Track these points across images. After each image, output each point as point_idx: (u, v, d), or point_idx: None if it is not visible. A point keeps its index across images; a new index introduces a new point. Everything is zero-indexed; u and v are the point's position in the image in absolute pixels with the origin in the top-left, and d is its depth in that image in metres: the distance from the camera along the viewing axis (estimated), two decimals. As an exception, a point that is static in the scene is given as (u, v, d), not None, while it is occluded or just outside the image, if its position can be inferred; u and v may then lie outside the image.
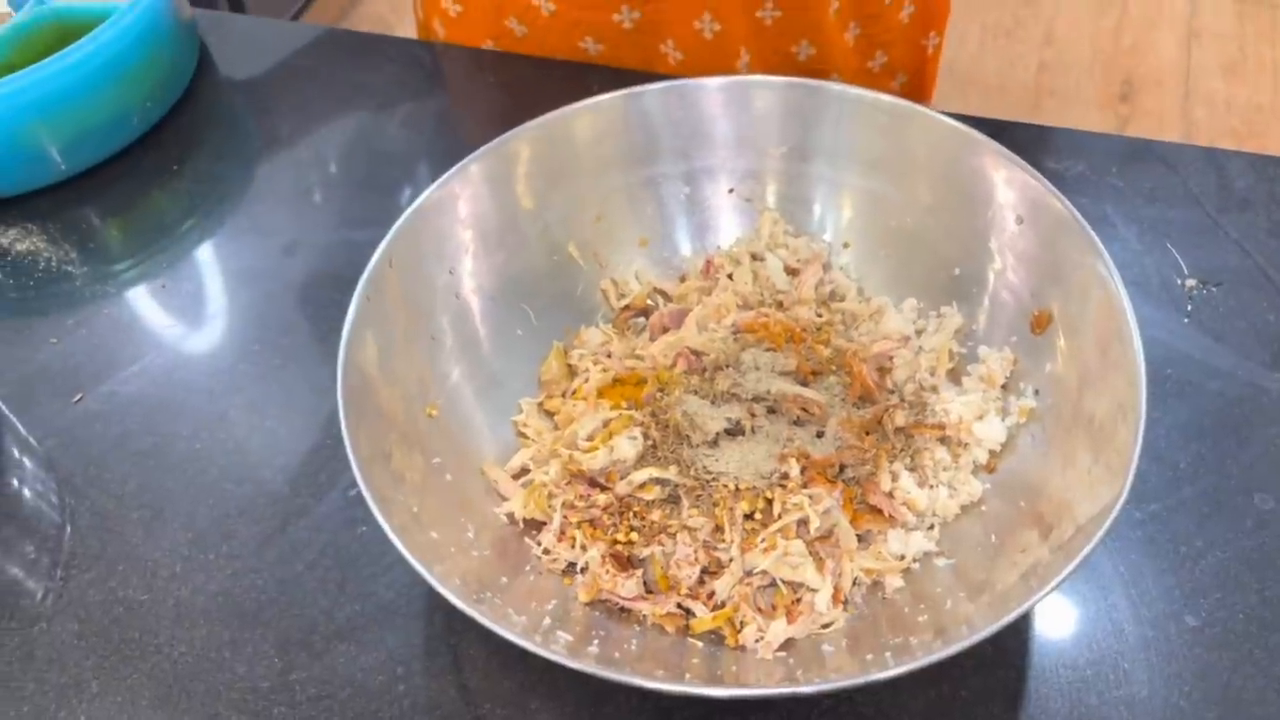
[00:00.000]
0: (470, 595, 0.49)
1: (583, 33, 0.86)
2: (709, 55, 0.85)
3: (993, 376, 0.60)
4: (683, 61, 0.86)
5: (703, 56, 0.85)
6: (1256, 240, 0.70)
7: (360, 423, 0.52)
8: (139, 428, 0.67)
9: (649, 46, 0.85)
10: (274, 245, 0.76)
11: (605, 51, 0.86)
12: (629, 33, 0.84)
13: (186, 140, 0.84)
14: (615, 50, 0.86)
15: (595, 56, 0.87)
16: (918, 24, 0.89)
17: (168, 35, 0.83)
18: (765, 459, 0.56)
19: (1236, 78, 2.16)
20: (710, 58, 0.85)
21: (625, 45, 0.86)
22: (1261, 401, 0.63)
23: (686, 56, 0.85)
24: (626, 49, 0.86)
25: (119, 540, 0.62)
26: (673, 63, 0.86)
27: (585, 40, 0.86)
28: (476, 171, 0.61)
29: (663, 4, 0.83)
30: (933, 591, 0.54)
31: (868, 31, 0.87)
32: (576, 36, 0.86)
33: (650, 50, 0.86)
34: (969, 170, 0.61)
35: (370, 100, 0.86)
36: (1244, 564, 0.57)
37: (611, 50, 0.86)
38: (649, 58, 0.86)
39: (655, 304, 0.67)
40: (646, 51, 0.86)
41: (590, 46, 0.86)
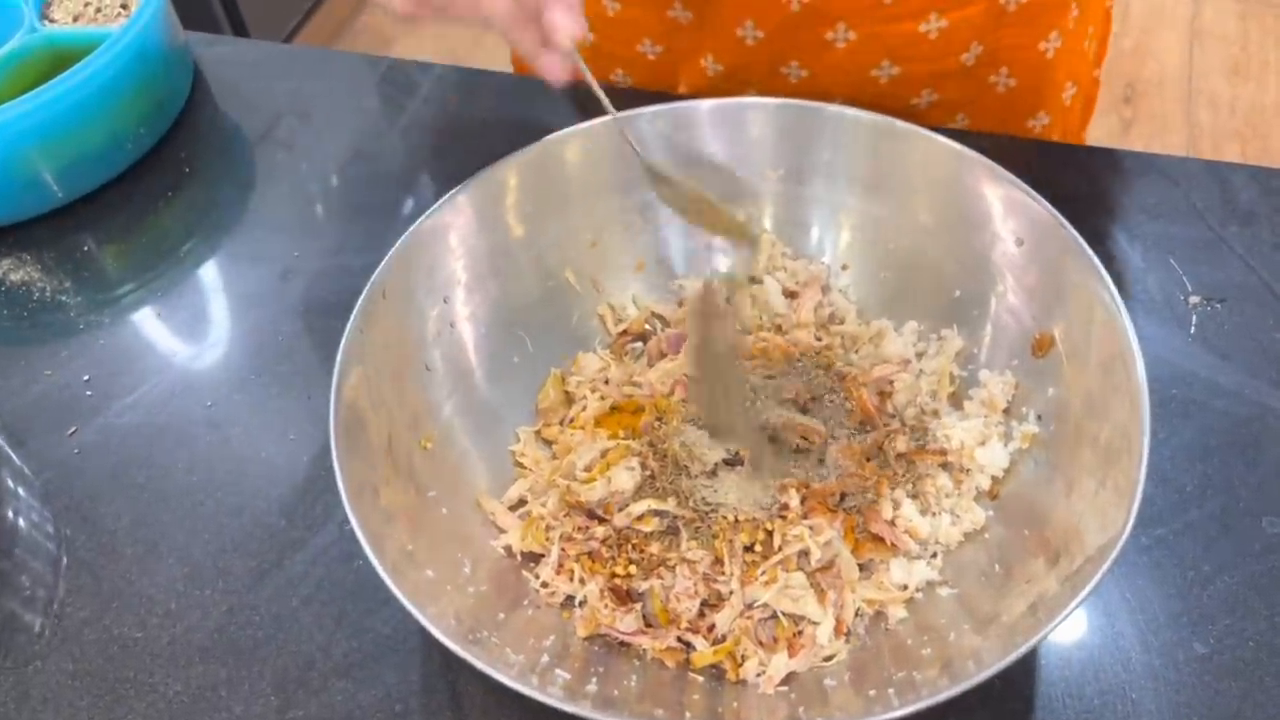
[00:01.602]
0: (465, 635, 0.48)
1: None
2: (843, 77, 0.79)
3: (994, 401, 0.59)
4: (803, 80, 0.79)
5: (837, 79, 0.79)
6: (1261, 255, 0.69)
7: (352, 458, 0.52)
8: (134, 460, 0.66)
9: (772, 66, 0.79)
10: (270, 272, 0.76)
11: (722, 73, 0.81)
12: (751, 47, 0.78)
13: (181, 166, 0.83)
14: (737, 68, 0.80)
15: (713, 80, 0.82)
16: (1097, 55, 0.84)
17: (161, 60, 0.82)
18: (765, 490, 0.55)
19: (1240, 79, 2.15)
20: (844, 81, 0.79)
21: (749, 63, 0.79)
22: (1269, 421, 0.62)
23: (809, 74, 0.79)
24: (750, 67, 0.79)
25: (114, 576, 0.61)
26: (795, 81, 0.80)
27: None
28: (465, 201, 0.61)
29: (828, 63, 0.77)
30: (937, 622, 0.53)
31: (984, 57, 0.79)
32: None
33: (774, 70, 0.80)
34: (968, 191, 0.60)
35: (367, 123, 0.85)
36: (1253, 589, 0.56)
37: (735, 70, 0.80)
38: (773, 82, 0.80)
39: (653, 329, 0.67)
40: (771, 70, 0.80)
41: (710, 66, 0.81)
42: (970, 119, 0.81)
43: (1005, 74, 0.78)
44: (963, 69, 0.77)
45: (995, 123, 0.81)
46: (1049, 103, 0.82)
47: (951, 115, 0.81)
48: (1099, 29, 0.85)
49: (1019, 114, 0.82)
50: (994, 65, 0.78)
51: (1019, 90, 0.79)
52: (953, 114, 0.81)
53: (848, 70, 0.77)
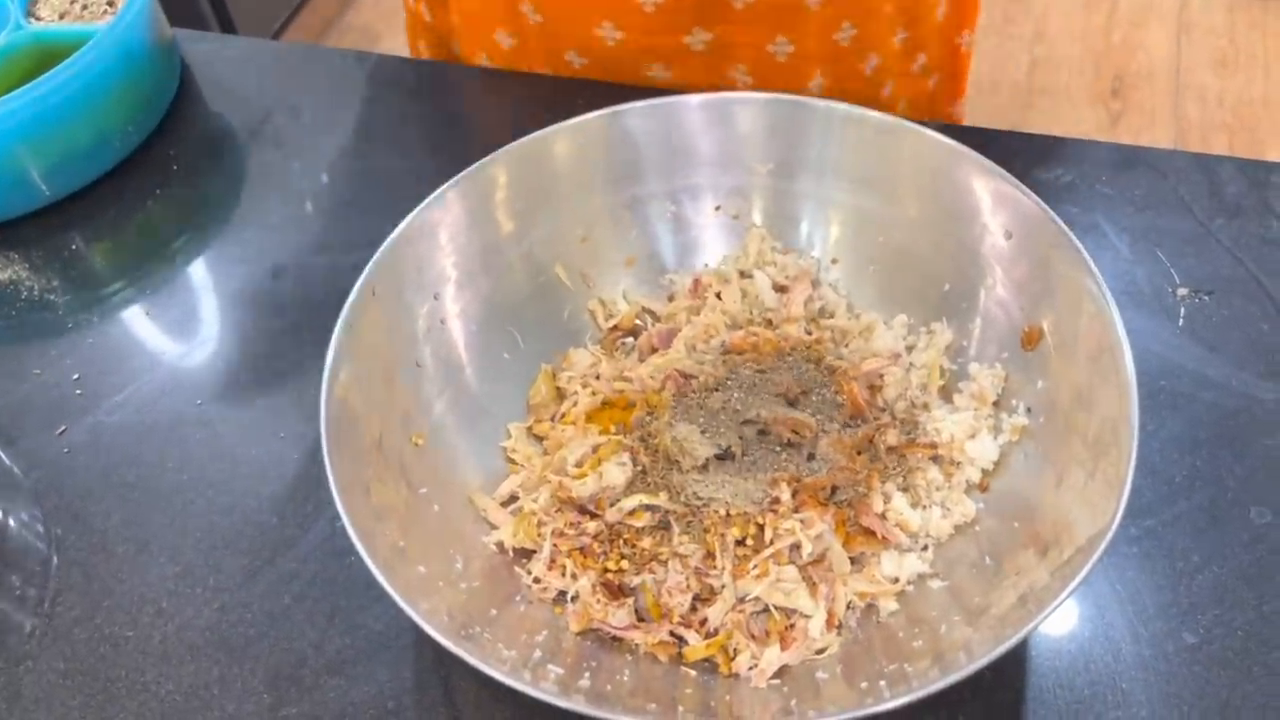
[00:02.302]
0: (458, 631, 0.48)
1: (652, 59, 0.83)
2: (782, 78, 0.83)
3: (984, 394, 0.59)
4: (751, 85, 0.84)
5: (776, 79, 0.83)
6: (1248, 247, 0.69)
7: (343, 456, 0.52)
8: (124, 459, 0.66)
9: (718, 70, 0.83)
10: (260, 270, 0.76)
11: (673, 79, 0.84)
12: (699, 55, 0.82)
13: (169, 163, 0.83)
14: (685, 76, 0.83)
15: (664, 84, 0.84)
16: (951, 23, 0.88)
17: (148, 57, 0.82)
18: (756, 484, 0.55)
19: (1227, 71, 2.16)
20: (783, 80, 0.83)
21: (695, 70, 0.83)
22: (1256, 413, 0.62)
23: (756, 80, 0.83)
24: (696, 74, 0.83)
25: (105, 575, 0.61)
26: (742, 86, 0.84)
27: (654, 68, 0.83)
28: (454, 198, 0.60)
29: (732, 27, 0.80)
30: (928, 614, 0.53)
31: (913, 35, 0.86)
32: (644, 65, 0.84)
33: (719, 74, 0.83)
34: (956, 185, 0.60)
35: (356, 120, 0.85)
36: (1241, 579, 0.56)
37: (681, 76, 0.84)
38: (718, 82, 0.83)
39: (644, 324, 0.67)
40: (716, 75, 0.83)
41: (660, 74, 0.84)
42: (825, 77, 0.84)
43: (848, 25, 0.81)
44: (808, 11, 0.80)
45: (840, 70, 0.84)
46: (880, 46, 0.85)
47: (810, 70, 0.84)
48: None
49: (854, 57, 0.84)
50: (839, 19, 0.81)
51: (860, 37, 0.82)
52: (811, 70, 0.84)
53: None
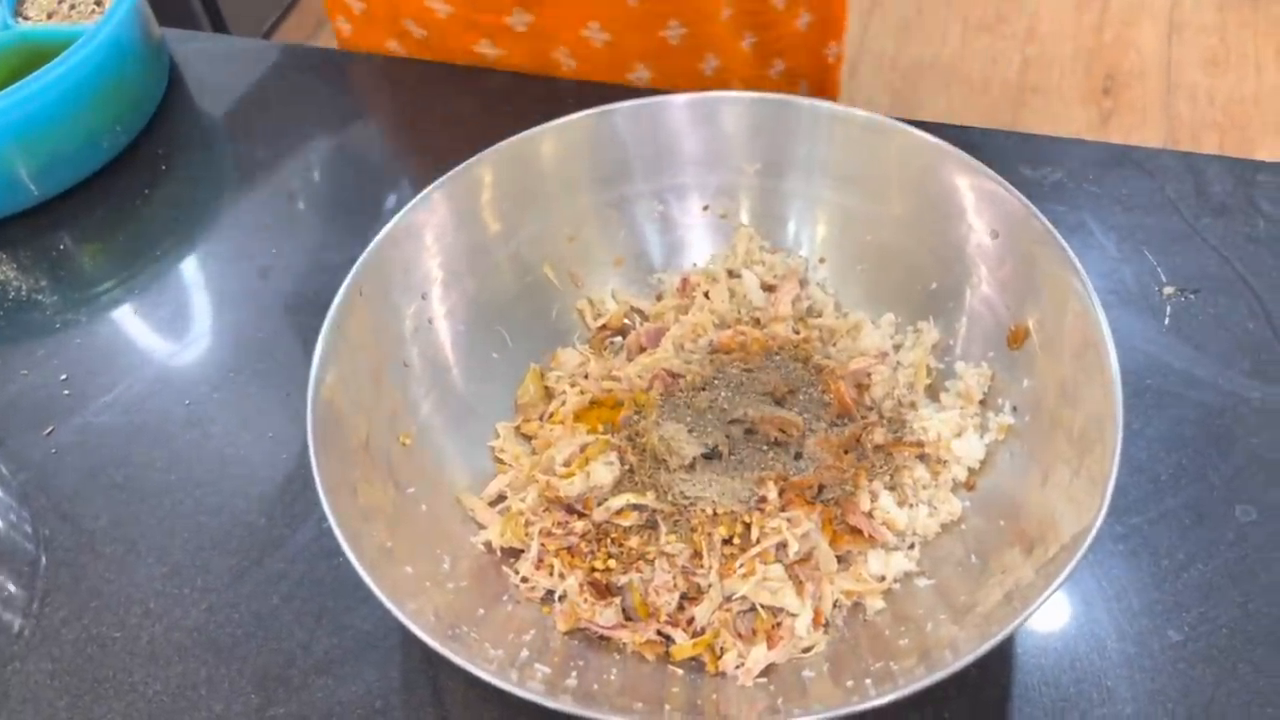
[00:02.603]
0: (445, 631, 0.48)
1: (477, 35, 0.86)
2: (603, 65, 0.86)
3: (970, 393, 0.59)
4: (576, 69, 0.86)
5: (597, 65, 0.86)
6: (1234, 246, 0.70)
7: (330, 457, 0.52)
8: (112, 460, 0.66)
9: (542, 52, 0.86)
10: (248, 269, 0.76)
11: (501, 57, 0.87)
12: (523, 36, 0.85)
13: (158, 163, 0.83)
14: (511, 55, 0.87)
15: (493, 61, 0.87)
16: (816, 33, 0.90)
17: (136, 56, 0.82)
18: (743, 483, 0.55)
19: (1218, 70, 2.16)
20: (604, 67, 0.86)
21: (520, 50, 0.86)
22: (1241, 411, 0.62)
23: (579, 64, 0.86)
24: (521, 54, 0.86)
25: (93, 576, 0.61)
26: (566, 70, 0.87)
27: (481, 44, 0.86)
28: (440, 199, 0.60)
29: (549, 9, 0.83)
30: (914, 613, 0.53)
31: (763, 39, 0.87)
32: (471, 40, 0.86)
33: (544, 56, 0.86)
34: (943, 184, 0.60)
35: (345, 119, 0.85)
36: (1226, 576, 0.56)
37: (507, 55, 0.87)
38: (544, 64, 0.87)
39: (632, 323, 0.67)
40: (541, 58, 0.86)
41: (487, 50, 0.86)
42: (650, 70, 0.87)
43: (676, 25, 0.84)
44: (631, 11, 0.82)
45: (670, 66, 0.86)
46: (720, 49, 0.86)
47: (632, 62, 0.86)
48: (818, 6, 0.88)
49: (689, 55, 0.86)
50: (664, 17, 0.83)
51: (691, 36, 0.84)
52: (633, 62, 0.86)
53: None
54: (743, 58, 0.88)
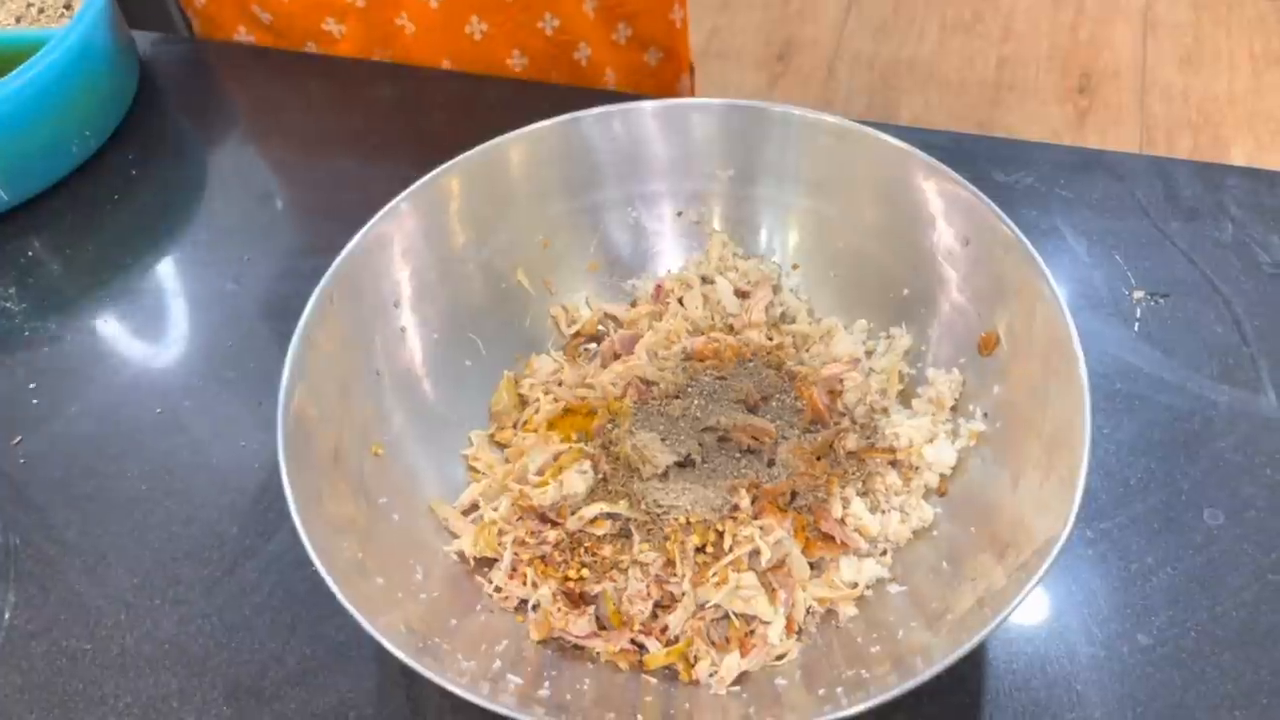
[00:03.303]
0: (417, 644, 0.48)
1: (323, 14, 0.87)
2: (440, 25, 0.87)
3: (942, 399, 0.59)
4: (416, 34, 0.87)
5: (433, 27, 0.87)
6: (1203, 251, 0.70)
7: (301, 468, 0.52)
8: (82, 469, 0.65)
9: (384, 22, 0.87)
10: (219, 276, 0.75)
11: (347, 31, 0.88)
12: (362, 10, 0.86)
13: (129, 168, 0.82)
14: (355, 28, 0.88)
15: (340, 39, 0.89)
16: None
17: (106, 60, 0.81)
18: (716, 491, 0.55)
19: (1192, 68, 2.18)
20: (441, 28, 0.87)
21: (359, 22, 0.87)
22: (1210, 415, 0.63)
23: (418, 29, 0.87)
24: (361, 26, 0.88)
25: (62, 587, 0.61)
26: (408, 35, 0.88)
27: (327, 22, 0.87)
28: (410, 208, 0.60)
29: None
30: (886, 619, 0.53)
31: (605, 4, 0.88)
32: (319, 18, 0.88)
33: (387, 25, 0.87)
34: (914, 191, 0.61)
35: (317, 123, 0.85)
36: (1194, 581, 0.57)
37: (352, 29, 0.88)
38: (386, 35, 0.88)
39: (606, 330, 0.67)
40: (382, 28, 0.87)
41: (333, 29, 0.88)
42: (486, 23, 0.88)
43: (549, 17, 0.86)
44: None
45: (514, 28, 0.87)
46: (558, 8, 0.87)
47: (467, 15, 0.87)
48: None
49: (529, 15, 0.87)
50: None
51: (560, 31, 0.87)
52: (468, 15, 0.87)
53: None
54: (586, 21, 0.88)
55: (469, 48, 0.87)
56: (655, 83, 0.94)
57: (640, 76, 0.93)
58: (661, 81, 0.95)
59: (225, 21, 0.93)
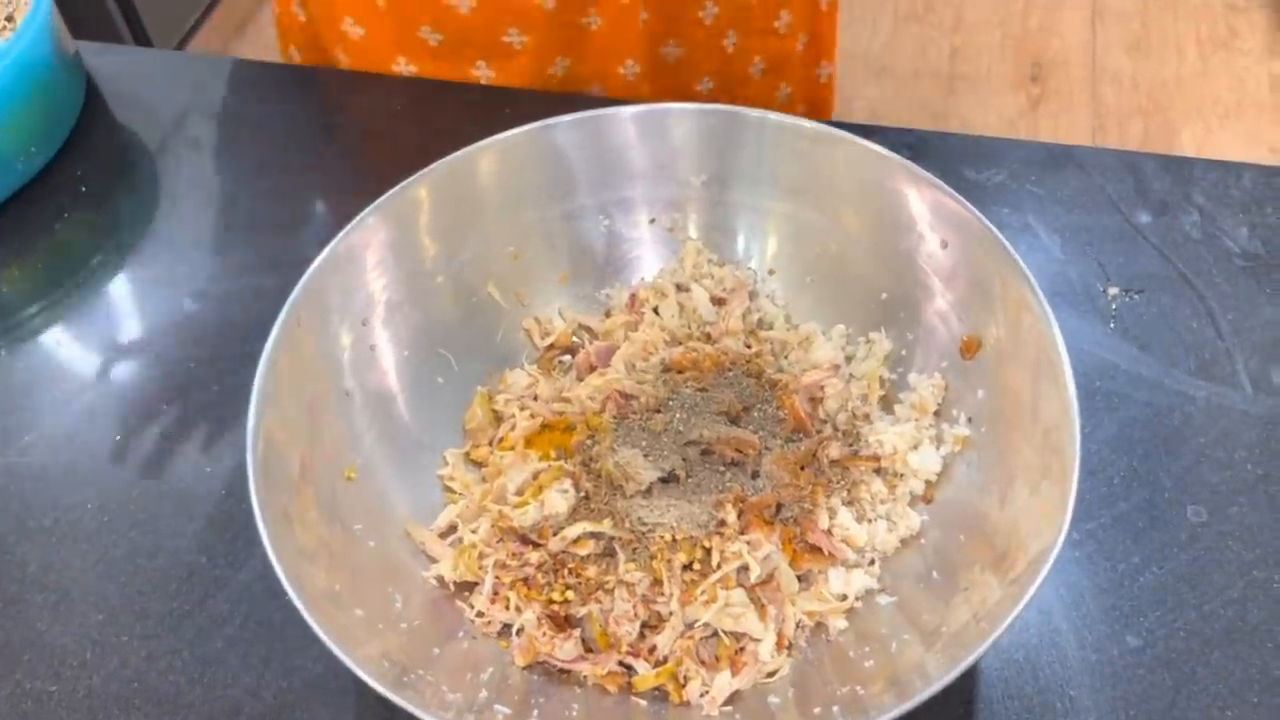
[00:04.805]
0: (398, 677, 0.47)
1: (506, 24, 0.81)
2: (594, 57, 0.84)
3: (924, 404, 0.59)
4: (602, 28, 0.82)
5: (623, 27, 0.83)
6: (1175, 245, 0.70)
7: (271, 494, 0.50)
8: (39, 502, 0.63)
9: (571, 24, 0.82)
10: (177, 295, 0.73)
11: (529, 42, 0.82)
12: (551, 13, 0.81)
13: (77, 184, 0.79)
14: (540, 36, 0.82)
15: (520, 51, 0.83)
16: (810, 53, 0.90)
17: (50, 73, 0.78)
18: (701, 507, 0.54)
19: (1140, 54, 2.20)
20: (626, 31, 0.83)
21: (546, 27, 0.82)
22: (1189, 410, 0.63)
23: (605, 22, 0.82)
24: (547, 31, 0.82)
25: (23, 627, 0.58)
26: (594, 30, 0.82)
27: (509, 33, 0.82)
28: (377, 222, 0.58)
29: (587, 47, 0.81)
30: (877, 631, 0.53)
31: (771, 66, 0.87)
32: (499, 30, 0.82)
33: (573, 28, 0.83)
34: (891, 194, 0.60)
35: (273, 133, 0.82)
36: (1181, 579, 0.57)
37: (537, 38, 0.82)
38: (570, 38, 0.83)
39: (581, 341, 0.65)
40: (569, 31, 0.83)
41: (514, 39, 0.82)
42: (571, 61, 0.84)
43: (594, 14, 0.82)
44: (544, 11, 0.80)
45: (594, 69, 0.84)
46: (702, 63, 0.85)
47: (550, 59, 0.83)
48: (803, 22, 0.87)
49: (612, 59, 0.84)
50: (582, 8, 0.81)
51: (607, 33, 0.82)
52: (551, 58, 0.83)
53: None
54: (751, 83, 0.86)
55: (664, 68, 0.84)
56: None
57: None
58: None
59: (381, 54, 0.85)
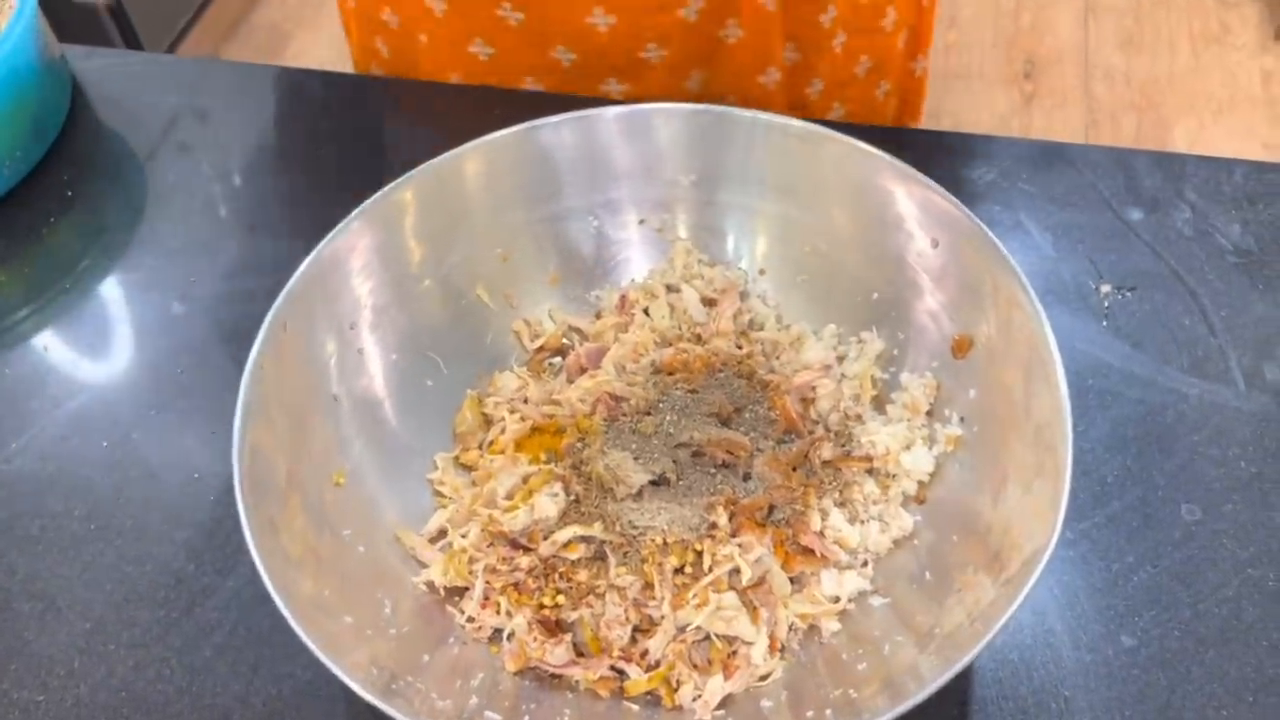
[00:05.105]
0: (387, 684, 0.46)
1: (644, 39, 0.78)
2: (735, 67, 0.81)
3: (916, 404, 0.58)
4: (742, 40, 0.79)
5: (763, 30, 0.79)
6: (1167, 242, 0.70)
7: (258, 501, 0.49)
8: (26, 510, 0.62)
9: (709, 35, 0.79)
10: (165, 300, 0.72)
11: (668, 55, 0.79)
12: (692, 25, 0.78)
13: (63, 189, 0.78)
14: (676, 50, 0.79)
15: (657, 65, 0.79)
16: (909, 48, 0.88)
17: (35, 77, 0.77)
18: (692, 509, 0.54)
19: (1133, 50, 2.20)
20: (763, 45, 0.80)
21: (684, 39, 0.79)
22: (1182, 408, 0.63)
23: (746, 34, 0.79)
24: (685, 44, 0.79)
25: (9, 636, 0.58)
26: (731, 43, 0.79)
27: (648, 48, 0.78)
28: (363, 226, 0.58)
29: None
30: (870, 633, 0.52)
31: (876, 65, 0.85)
32: (639, 44, 0.79)
33: (711, 39, 0.80)
34: (881, 193, 0.59)
35: (260, 136, 0.82)
36: (1175, 578, 0.57)
37: (673, 52, 0.79)
38: (707, 51, 0.80)
39: (571, 343, 0.65)
40: (707, 42, 0.79)
41: (652, 54, 0.79)
42: (707, 74, 0.81)
43: (734, 25, 0.78)
44: (685, 24, 0.77)
45: (731, 80, 0.81)
46: (815, 66, 0.83)
47: (686, 72, 0.81)
48: (908, 16, 0.85)
49: (751, 69, 0.81)
50: (720, 19, 0.78)
51: (748, 43, 0.79)
52: (687, 71, 0.81)
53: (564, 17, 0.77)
54: (855, 83, 0.85)
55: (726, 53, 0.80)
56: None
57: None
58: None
59: (512, 72, 0.82)
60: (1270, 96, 2.08)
